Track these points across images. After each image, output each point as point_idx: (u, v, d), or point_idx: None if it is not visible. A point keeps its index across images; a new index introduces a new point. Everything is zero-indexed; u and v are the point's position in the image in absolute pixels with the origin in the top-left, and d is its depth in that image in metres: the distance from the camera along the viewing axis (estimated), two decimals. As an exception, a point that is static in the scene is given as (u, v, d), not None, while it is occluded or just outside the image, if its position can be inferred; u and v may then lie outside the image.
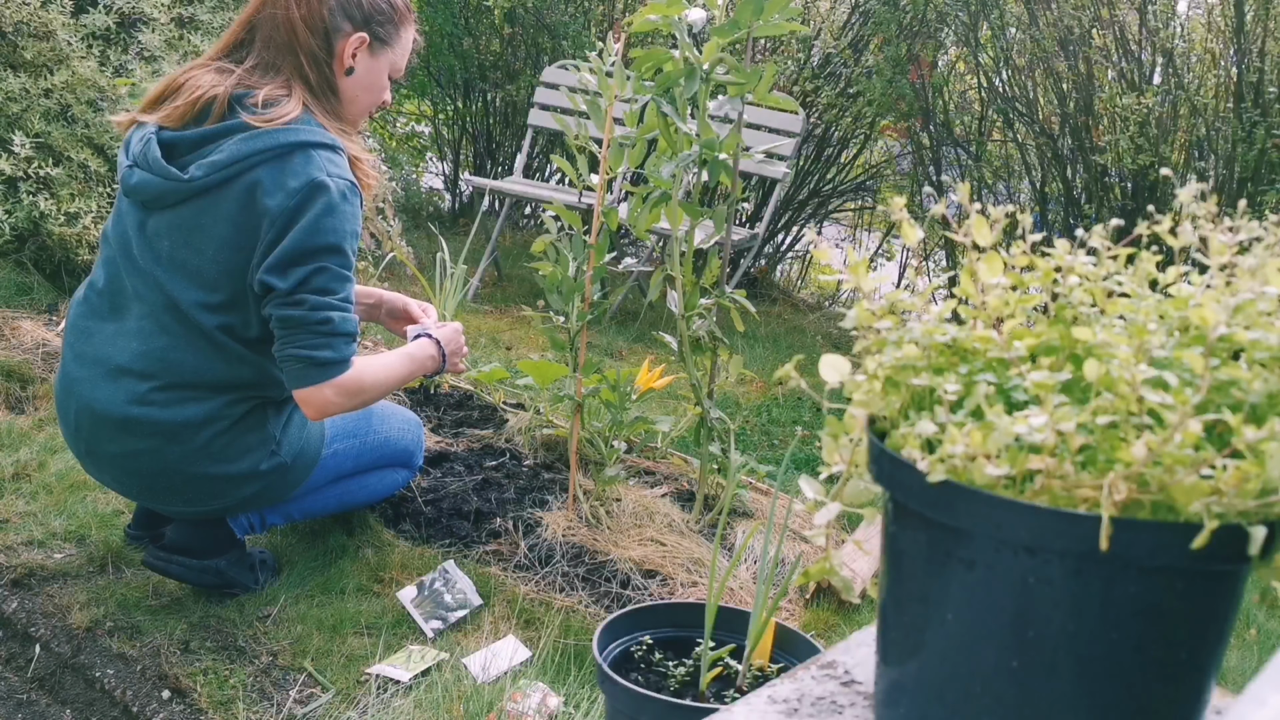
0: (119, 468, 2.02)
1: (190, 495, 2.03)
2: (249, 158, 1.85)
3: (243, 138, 1.85)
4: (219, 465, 1.98)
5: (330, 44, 1.94)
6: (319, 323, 1.87)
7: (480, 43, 5.80)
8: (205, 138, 1.88)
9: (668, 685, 1.53)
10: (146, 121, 1.95)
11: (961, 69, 5.07)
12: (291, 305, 1.86)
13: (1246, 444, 0.66)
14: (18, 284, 3.56)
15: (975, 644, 0.73)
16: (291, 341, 1.88)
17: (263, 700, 1.87)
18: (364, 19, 1.96)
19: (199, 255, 1.89)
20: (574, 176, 2.38)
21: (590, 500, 2.48)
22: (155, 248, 1.93)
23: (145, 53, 3.71)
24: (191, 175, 1.86)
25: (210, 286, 1.90)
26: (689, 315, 2.34)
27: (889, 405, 0.79)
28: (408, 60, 2.08)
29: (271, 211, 1.84)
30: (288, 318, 1.86)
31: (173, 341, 1.93)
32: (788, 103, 2.35)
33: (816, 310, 5.34)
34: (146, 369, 1.93)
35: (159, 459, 1.96)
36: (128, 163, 1.94)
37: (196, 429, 1.94)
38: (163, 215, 1.92)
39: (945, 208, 0.81)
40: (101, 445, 2.00)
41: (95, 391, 1.96)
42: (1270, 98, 3.76)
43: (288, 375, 1.91)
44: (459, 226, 5.81)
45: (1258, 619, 2.44)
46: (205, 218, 1.88)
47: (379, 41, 1.99)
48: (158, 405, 1.93)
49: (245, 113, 1.87)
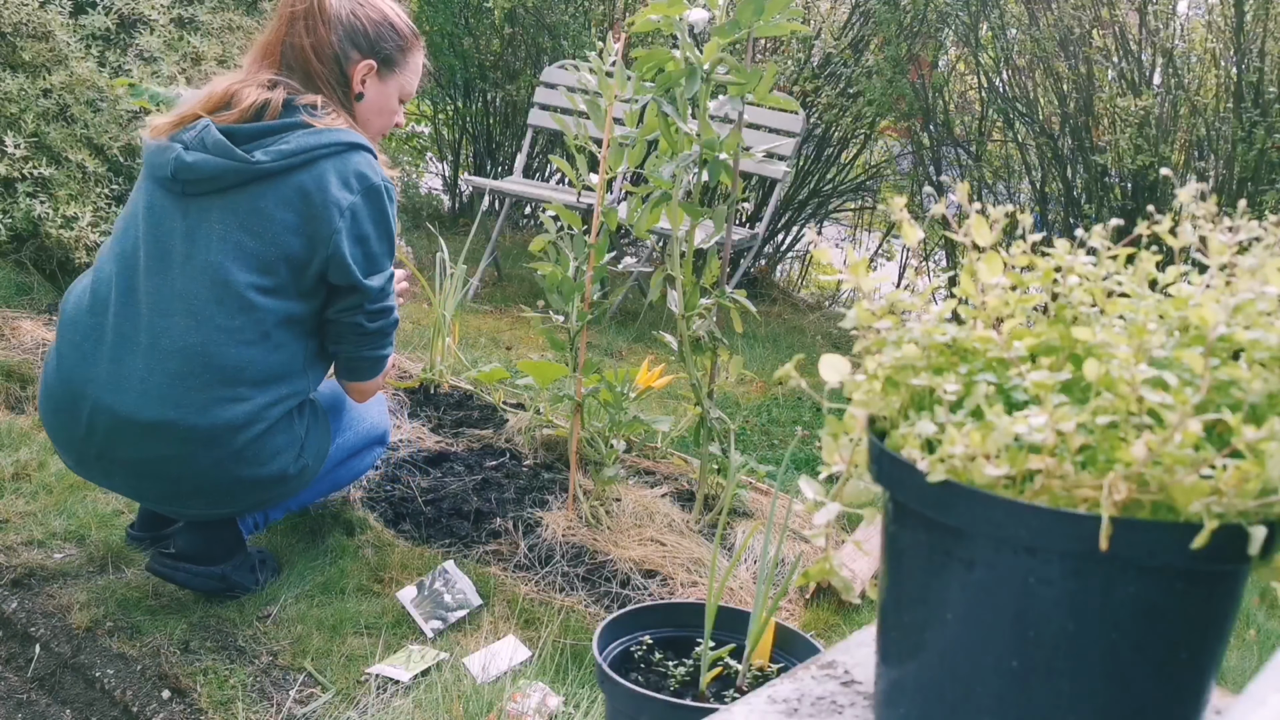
0: (138, 473, 1.97)
1: (215, 499, 2.01)
2: (314, 150, 1.91)
3: (306, 132, 1.92)
4: (251, 469, 1.96)
5: (343, 70, 2.01)
6: (394, 324, 2.07)
7: (480, 43, 5.80)
8: (265, 131, 1.92)
9: (668, 685, 1.53)
10: (198, 123, 1.94)
11: (962, 69, 5.07)
12: (380, 315, 2.02)
13: (1246, 444, 0.66)
14: (17, 284, 3.56)
15: (975, 644, 0.73)
16: (373, 345, 2.04)
17: (263, 700, 1.87)
18: (370, 46, 2.02)
19: (257, 238, 1.90)
20: (573, 177, 2.38)
21: (590, 500, 2.48)
22: (203, 233, 1.90)
23: (144, 54, 3.71)
24: (258, 159, 1.88)
25: (266, 270, 1.90)
26: (689, 315, 2.34)
27: (889, 405, 0.79)
28: (418, 83, 2.15)
29: (340, 204, 1.92)
30: (381, 329, 2.03)
31: (213, 336, 1.89)
32: (788, 103, 2.35)
33: (816, 310, 5.34)
34: (181, 368, 1.88)
35: (189, 464, 1.92)
36: (178, 147, 1.91)
37: (235, 433, 1.91)
38: (211, 200, 1.91)
39: (945, 208, 0.81)
40: (120, 450, 1.94)
41: (117, 394, 1.90)
42: (1270, 98, 3.76)
43: (360, 370, 2.08)
44: (459, 226, 5.81)
45: (1258, 619, 2.44)
46: (264, 201, 1.90)
47: (387, 67, 2.06)
48: (195, 409, 1.88)
49: (303, 113, 1.94)
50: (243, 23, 4.08)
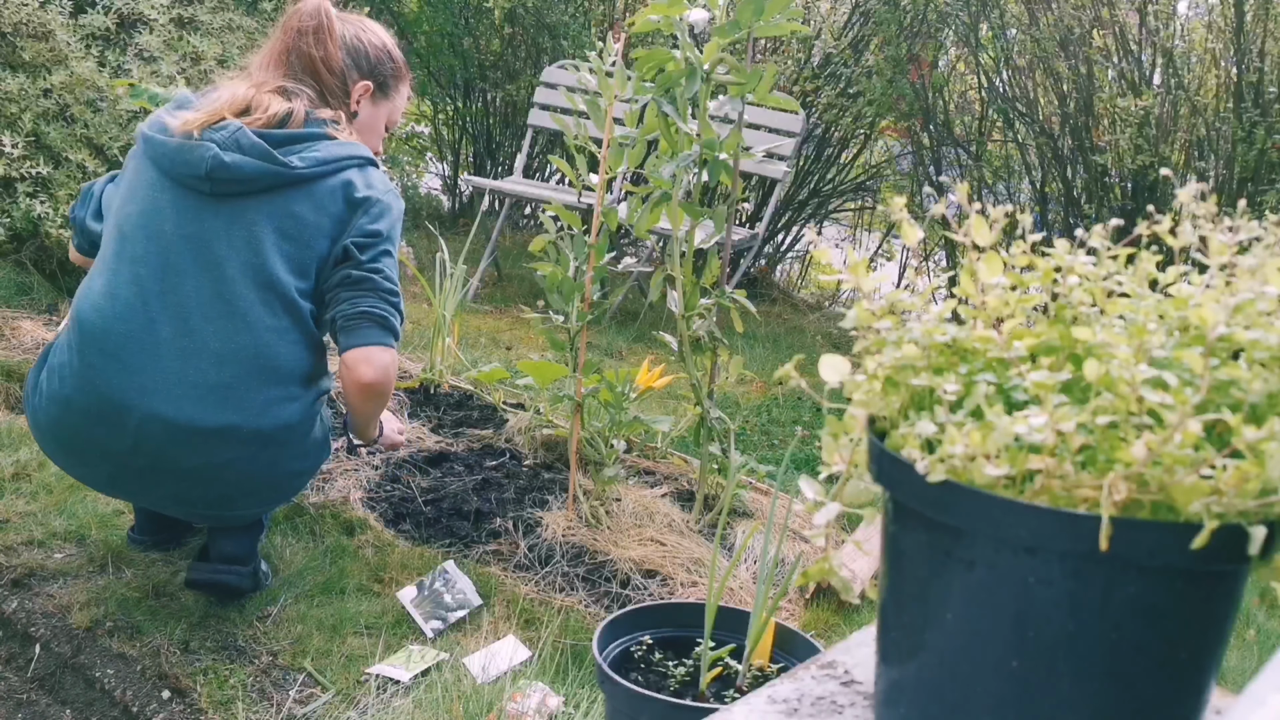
0: (193, 479, 1.92)
1: (265, 496, 2.04)
2: (341, 160, 1.95)
3: (333, 143, 1.97)
4: (299, 463, 2.01)
5: (346, 86, 2.07)
6: (389, 291, 1.97)
7: (480, 43, 5.80)
8: (295, 138, 1.94)
9: (668, 685, 1.53)
10: (228, 124, 1.92)
11: (962, 69, 5.07)
12: (369, 270, 1.95)
13: (1246, 444, 0.66)
14: (17, 284, 3.56)
15: (975, 644, 0.73)
16: (363, 300, 1.94)
17: (263, 700, 1.87)
18: (370, 69, 2.10)
19: (293, 242, 1.91)
20: (573, 177, 2.38)
21: (590, 500, 2.48)
22: (241, 235, 1.88)
23: (144, 54, 3.71)
24: (294, 164, 1.90)
25: (302, 272, 1.92)
26: (689, 315, 2.34)
27: (889, 405, 0.79)
28: (402, 113, 2.23)
29: (364, 203, 1.95)
30: (363, 277, 1.94)
31: (263, 337, 1.88)
32: (788, 103, 2.35)
33: (816, 310, 5.34)
34: (237, 371, 1.86)
35: (249, 465, 1.91)
36: (214, 147, 1.87)
37: (292, 431, 1.94)
38: (244, 201, 1.89)
39: (945, 208, 0.81)
40: (176, 459, 1.88)
41: (171, 402, 1.84)
42: (1270, 98, 3.76)
43: (356, 333, 1.93)
44: (459, 226, 5.81)
45: (1257, 619, 2.44)
46: (299, 206, 1.91)
47: (381, 92, 2.13)
48: (255, 411, 1.87)
49: (327, 126, 1.99)
50: (243, 23, 4.08)
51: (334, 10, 2.07)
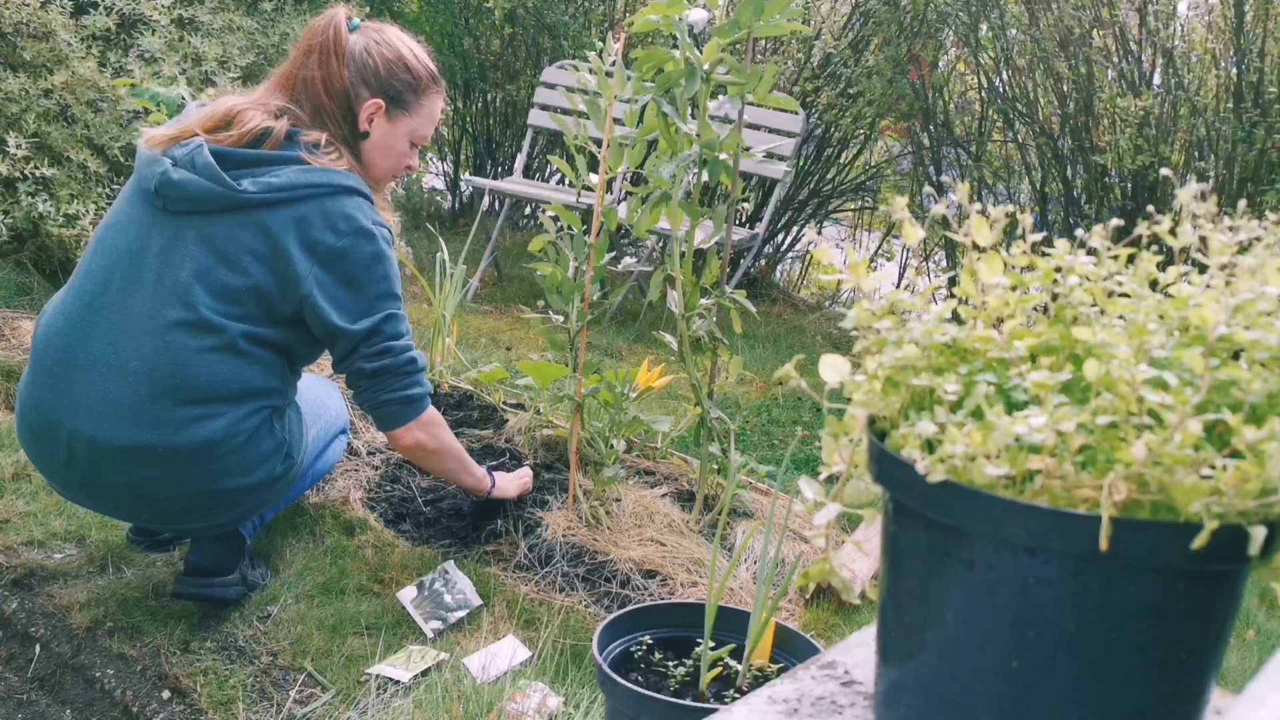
0: (126, 496, 1.93)
1: (208, 512, 1.98)
2: (304, 189, 1.87)
3: (299, 169, 1.89)
4: (236, 479, 1.93)
5: (351, 108, 1.99)
6: (407, 364, 1.98)
7: (480, 43, 5.80)
8: (259, 159, 1.88)
9: (668, 685, 1.53)
10: (192, 141, 1.90)
11: (962, 69, 5.07)
12: (378, 355, 1.94)
13: (1246, 444, 0.66)
14: (18, 284, 3.56)
15: (975, 644, 0.73)
16: (384, 388, 1.97)
17: (263, 700, 1.87)
18: (380, 85, 1.99)
19: (228, 267, 1.86)
20: (573, 177, 2.38)
21: (590, 500, 2.48)
22: (178, 254, 1.86)
23: (145, 54, 3.71)
24: (244, 188, 1.84)
25: (232, 299, 1.86)
26: (689, 315, 2.34)
27: (889, 405, 0.79)
28: (434, 128, 2.11)
29: (319, 247, 1.88)
30: (381, 369, 1.95)
31: (181, 356, 1.84)
32: (788, 103, 2.35)
33: (816, 310, 5.34)
34: (153, 390, 1.84)
35: (174, 483, 1.89)
36: (167, 163, 1.87)
37: (214, 449, 1.87)
38: (191, 220, 1.87)
39: (945, 208, 0.81)
40: (103, 477, 1.89)
41: (92, 420, 1.84)
42: (1270, 98, 3.76)
43: (381, 419, 2.03)
44: (459, 226, 5.81)
45: (1257, 619, 2.44)
46: (244, 232, 1.86)
47: (396, 107, 2.02)
48: (171, 429, 1.84)
49: (302, 150, 1.91)
50: (243, 23, 4.08)
51: (349, 21, 2.00)
